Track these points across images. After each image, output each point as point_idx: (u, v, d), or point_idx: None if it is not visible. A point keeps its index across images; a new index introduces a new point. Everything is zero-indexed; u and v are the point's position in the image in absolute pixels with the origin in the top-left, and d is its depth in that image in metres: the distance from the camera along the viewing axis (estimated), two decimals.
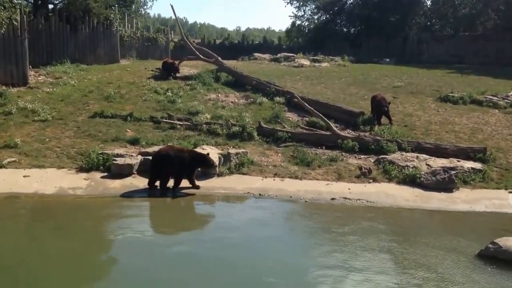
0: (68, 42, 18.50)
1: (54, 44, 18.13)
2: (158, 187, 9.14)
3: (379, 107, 12.93)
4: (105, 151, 10.25)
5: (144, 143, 11.10)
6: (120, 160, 9.78)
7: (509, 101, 15.40)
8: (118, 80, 16.09)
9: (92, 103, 13.65)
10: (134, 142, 11.17)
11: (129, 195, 8.87)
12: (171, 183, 9.18)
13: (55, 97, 14.05)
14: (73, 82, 15.62)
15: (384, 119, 13.04)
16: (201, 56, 18.30)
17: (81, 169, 9.80)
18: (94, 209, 8.33)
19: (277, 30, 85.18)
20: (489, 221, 8.29)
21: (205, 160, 9.30)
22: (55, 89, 14.76)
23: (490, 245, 6.65)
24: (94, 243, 7.07)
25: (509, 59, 25.52)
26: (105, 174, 9.67)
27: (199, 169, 9.52)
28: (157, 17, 72.34)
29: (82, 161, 9.99)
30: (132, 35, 21.82)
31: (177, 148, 9.66)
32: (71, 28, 18.58)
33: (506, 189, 9.58)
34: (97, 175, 9.63)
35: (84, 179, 9.43)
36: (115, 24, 19.91)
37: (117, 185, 9.25)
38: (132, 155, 10.16)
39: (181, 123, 12.36)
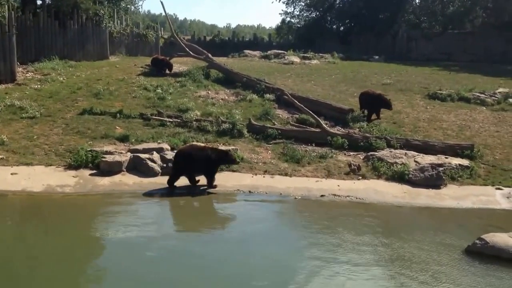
0: (56, 38, 18.27)
1: (42, 40, 17.89)
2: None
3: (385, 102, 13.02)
4: (94, 148, 10.17)
5: (133, 140, 11.03)
6: (109, 158, 9.72)
7: (496, 99, 15.59)
8: (107, 77, 15.97)
9: (81, 100, 13.53)
10: (123, 139, 11.10)
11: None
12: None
13: (44, 93, 13.90)
14: (61, 78, 15.47)
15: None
16: (191, 53, 18.23)
17: (69, 167, 9.72)
18: (82, 207, 8.27)
19: (267, 27, 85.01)
20: (476, 217, 8.40)
21: (227, 157, 9.27)
22: (43, 85, 14.61)
23: (477, 241, 6.75)
24: (81, 241, 7.02)
25: (497, 56, 25.82)
26: (94, 171, 9.61)
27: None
28: (147, 13, 71.66)
29: (71, 159, 9.91)
30: (121, 31, 21.62)
31: (199, 146, 9.69)
32: (59, 24, 18.35)
33: (493, 185, 9.70)
34: (86, 172, 9.57)
35: (73, 176, 9.37)
36: (105, 20, 19.71)
37: (106, 182, 9.20)
38: (121, 153, 10.11)
39: (171, 120, 12.32)
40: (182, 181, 9.19)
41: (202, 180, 9.27)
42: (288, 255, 6.68)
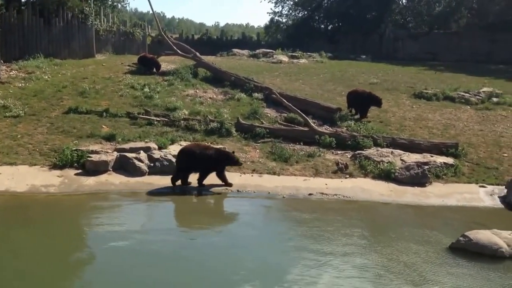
0: (41, 36, 18.03)
1: (27, 38, 17.64)
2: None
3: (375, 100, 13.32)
4: (80, 148, 10.06)
5: (120, 139, 10.94)
6: (95, 157, 9.63)
7: (481, 98, 15.83)
8: (93, 75, 15.81)
9: (66, 99, 13.37)
10: (109, 138, 11.00)
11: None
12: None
13: (28, 92, 13.71)
14: (46, 77, 15.26)
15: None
16: (179, 51, 18.14)
17: (54, 166, 9.60)
18: (67, 207, 8.19)
19: (256, 26, 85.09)
20: (460, 214, 8.51)
21: (230, 158, 9.28)
22: (27, 84, 14.40)
23: (461, 238, 6.84)
24: (66, 241, 6.94)
25: (481, 56, 26.21)
26: (80, 171, 9.50)
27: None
28: (134, 11, 71.11)
29: (56, 158, 9.79)
30: (108, 29, 21.41)
31: (203, 145, 9.72)
32: (44, 22, 18.11)
33: (476, 183, 9.85)
34: (71, 172, 9.46)
35: (58, 176, 9.25)
36: (91, 18, 19.50)
37: (92, 182, 9.11)
38: (107, 152, 10.02)
39: (158, 119, 12.25)
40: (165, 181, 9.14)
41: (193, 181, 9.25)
42: (276, 255, 6.69)
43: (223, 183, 9.20)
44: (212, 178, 9.33)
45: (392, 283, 5.88)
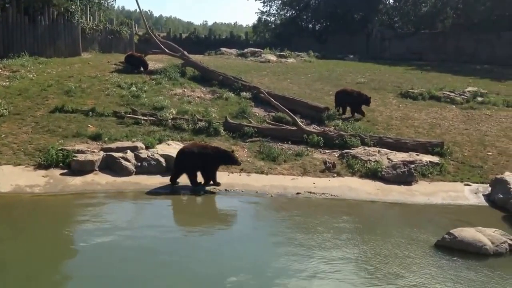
0: (26, 34, 17.79)
1: (11, 36, 17.40)
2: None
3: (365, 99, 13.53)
4: (65, 147, 9.94)
5: (106, 138, 10.84)
6: (81, 157, 9.53)
7: (466, 97, 16.04)
8: (79, 74, 15.64)
9: (51, 98, 13.21)
10: (96, 137, 10.89)
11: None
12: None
13: (12, 91, 13.49)
14: (31, 75, 15.05)
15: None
16: (166, 50, 18.05)
17: (39, 166, 9.48)
18: (52, 207, 8.09)
19: (244, 25, 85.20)
20: (445, 212, 8.61)
21: (229, 157, 9.26)
22: (12, 83, 14.18)
23: (446, 236, 6.93)
24: (50, 242, 6.86)
25: (466, 56, 26.55)
26: (65, 171, 9.39)
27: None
28: (121, 10, 70.53)
29: (41, 158, 9.66)
30: (94, 27, 21.21)
31: (201, 145, 9.73)
32: (29, 20, 17.87)
33: (461, 181, 9.97)
34: (57, 172, 9.35)
35: (43, 176, 9.13)
36: (76, 16, 19.29)
37: (78, 182, 9.02)
38: (94, 151, 9.92)
39: (145, 118, 12.17)
40: (154, 180, 9.06)
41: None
42: (263, 254, 6.71)
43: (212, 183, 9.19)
44: (198, 178, 9.30)
45: (379, 280, 5.94)
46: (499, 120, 13.86)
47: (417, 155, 10.60)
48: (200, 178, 9.19)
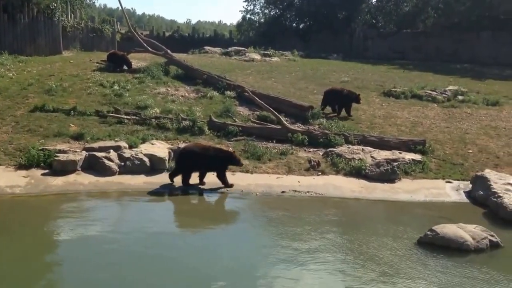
0: (5, 32, 17.44)
1: None
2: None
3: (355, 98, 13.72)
4: (47, 147, 9.78)
5: (89, 138, 10.70)
6: (62, 157, 9.39)
7: (447, 96, 16.31)
8: (60, 73, 15.39)
9: (32, 97, 12.97)
10: (78, 137, 10.74)
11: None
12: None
13: None
14: (11, 74, 14.76)
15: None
16: (149, 48, 17.87)
17: (20, 166, 9.31)
18: (33, 208, 7.96)
19: (228, 23, 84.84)
20: (428, 209, 8.75)
21: (232, 158, 9.23)
22: None
23: (428, 232, 7.03)
24: (31, 243, 6.76)
25: (447, 55, 26.98)
26: (47, 171, 9.25)
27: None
28: (103, 7, 69.48)
29: (21, 158, 9.48)
30: (75, 25, 20.90)
31: (202, 145, 9.72)
32: (8, 18, 17.53)
33: (443, 179, 10.13)
34: (38, 172, 9.20)
35: (23, 176, 8.97)
36: (57, 14, 18.98)
37: (60, 182, 8.88)
38: (76, 151, 9.78)
39: (129, 117, 12.04)
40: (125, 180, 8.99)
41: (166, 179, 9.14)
42: (248, 252, 6.72)
43: (200, 183, 9.22)
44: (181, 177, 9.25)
45: (362, 277, 6.00)
46: (479, 118, 14.13)
47: (400, 153, 10.74)
48: (195, 180, 9.16)
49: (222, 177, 9.09)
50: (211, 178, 9.43)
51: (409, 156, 10.61)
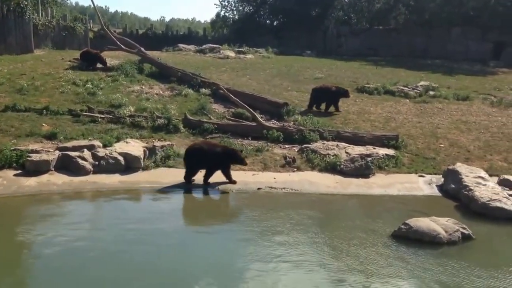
0: None
1: None
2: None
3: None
4: (19, 147, 9.55)
5: (62, 137, 10.50)
6: (35, 157, 9.19)
7: (418, 91, 16.70)
8: (32, 71, 15.04)
9: (2, 96, 12.63)
10: (51, 137, 10.53)
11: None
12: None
13: None
14: None
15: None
16: (122, 46, 17.63)
17: None
18: (4, 209, 7.76)
19: (202, 21, 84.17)
20: (401, 203, 8.93)
21: (237, 156, 9.27)
22: None
23: (402, 226, 7.19)
24: (2, 244, 6.61)
25: (419, 52, 27.61)
26: (19, 171, 9.05)
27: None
28: (74, 5, 67.90)
29: None
30: (47, 23, 20.44)
31: (211, 143, 9.77)
32: None
33: (416, 173, 10.36)
34: (10, 173, 8.98)
35: None
36: (28, 12, 18.49)
37: (33, 183, 8.70)
38: (49, 151, 9.58)
39: (102, 116, 11.87)
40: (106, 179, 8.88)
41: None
42: (225, 250, 6.75)
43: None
44: (157, 174, 9.18)
45: (338, 272, 6.10)
46: (450, 113, 14.52)
47: (374, 148, 10.93)
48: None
49: (227, 175, 9.26)
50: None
51: (382, 151, 10.81)
